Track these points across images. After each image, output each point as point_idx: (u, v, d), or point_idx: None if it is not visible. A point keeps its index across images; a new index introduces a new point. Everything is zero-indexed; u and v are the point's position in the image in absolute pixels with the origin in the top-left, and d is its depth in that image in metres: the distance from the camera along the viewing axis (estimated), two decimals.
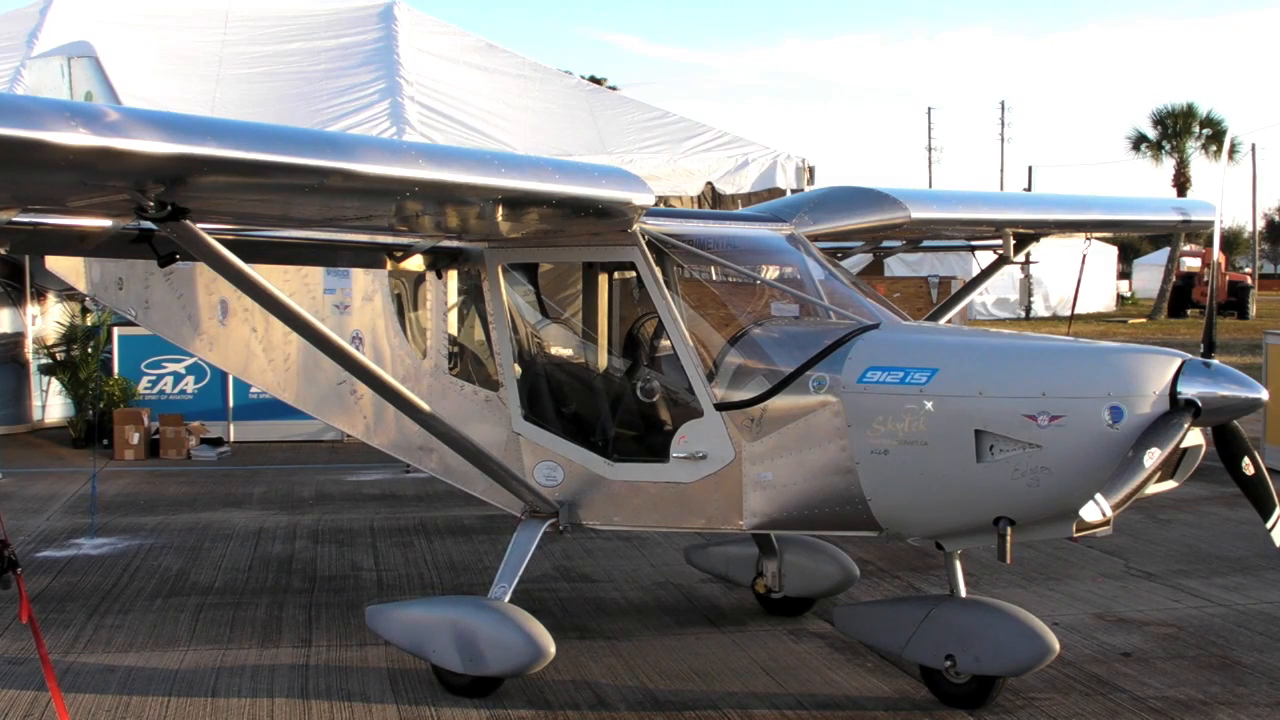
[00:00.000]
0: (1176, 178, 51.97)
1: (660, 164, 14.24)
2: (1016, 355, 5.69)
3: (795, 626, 7.48)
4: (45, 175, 4.27)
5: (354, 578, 8.77)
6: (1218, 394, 5.21)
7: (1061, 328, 31.69)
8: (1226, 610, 7.84)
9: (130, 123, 4.12)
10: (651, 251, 6.34)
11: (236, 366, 8.67)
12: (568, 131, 15.16)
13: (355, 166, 4.81)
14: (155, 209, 4.68)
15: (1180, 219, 9.48)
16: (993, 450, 5.37)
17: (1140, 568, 8.97)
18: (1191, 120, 51.68)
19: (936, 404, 5.48)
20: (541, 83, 17.31)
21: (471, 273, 6.98)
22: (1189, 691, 6.33)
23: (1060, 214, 8.70)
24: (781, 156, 14.93)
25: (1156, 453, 4.99)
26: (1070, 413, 5.22)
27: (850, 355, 5.80)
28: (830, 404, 5.76)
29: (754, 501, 6.05)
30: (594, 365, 7.11)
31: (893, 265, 25.32)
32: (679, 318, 6.25)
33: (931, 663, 6.12)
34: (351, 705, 6.13)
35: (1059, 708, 6.09)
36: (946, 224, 7.94)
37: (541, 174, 5.61)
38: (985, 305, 41.09)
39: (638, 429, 6.68)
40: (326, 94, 15.36)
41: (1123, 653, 6.96)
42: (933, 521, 5.76)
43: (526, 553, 6.45)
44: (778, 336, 6.44)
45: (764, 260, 7.20)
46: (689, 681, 6.49)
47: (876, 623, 6.63)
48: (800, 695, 6.27)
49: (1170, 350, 5.45)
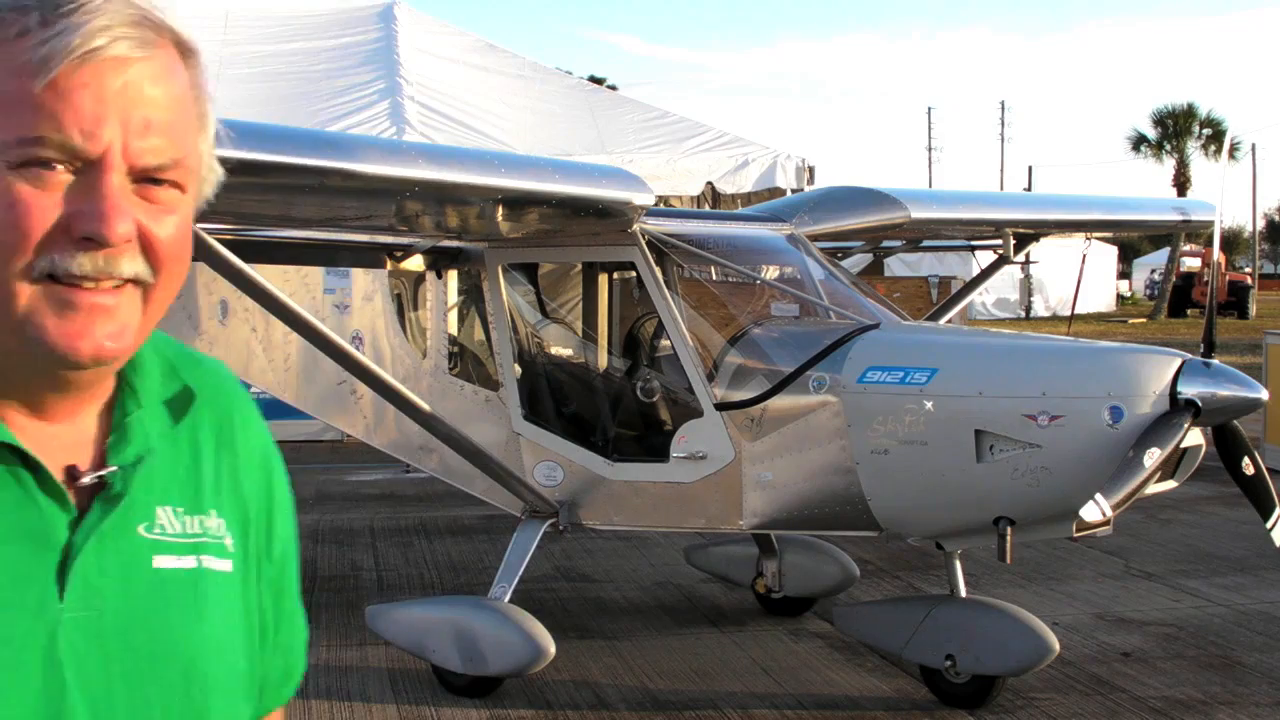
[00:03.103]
0: (1176, 178, 51.98)
1: (660, 164, 14.21)
2: (1016, 355, 5.70)
3: (795, 626, 7.48)
4: None
5: (354, 578, 8.77)
6: (1218, 394, 5.21)
7: (1061, 328, 31.69)
8: (1226, 610, 7.84)
9: None
10: (651, 251, 6.34)
11: (237, 366, 8.66)
12: (568, 131, 15.14)
13: (355, 166, 4.81)
14: None
15: (1180, 219, 9.48)
16: (993, 450, 5.37)
17: (1140, 568, 8.97)
18: (1192, 120, 51.69)
19: (936, 404, 5.48)
20: (541, 83, 17.30)
21: (471, 273, 6.98)
22: (1189, 691, 6.33)
23: (1060, 214, 8.70)
24: (781, 156, 14.91)
25: (1156, 453, 4.99)
26: (1070, 412, 5.22)
27: (850, 355, 5.80)
28: (830, 404, 5.76)
29: (754, 501, 6.05)
30: (594, 365, 7.12)
31: (893, 265, 25.31)
32: (679, 318, 6.25)
33: (931, 663, 6.12)
34: (351, 705, 6.13)
35: (1059, 707, 6.09)
36: (946, 224, 7.94)
37: (541, 174, 5.62)
38: (985, 305, 41.06)
39: (638, 429, 6.68)
40: (326, 94, 15.35)
41: (1123, 653, 6.96)
42: (933, 521, 5.76)
43: (526, 553, 6.45)
44: (778, 336, 6.44)
45: (764, 260, 7.20)
46: (689, 681, 6.49)
47: (876, 623, 6.63)
48: (800, 695, 6.28)
49: (1170, 350, 5.46)
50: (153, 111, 1.18)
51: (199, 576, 1.30)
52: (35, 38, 1.13)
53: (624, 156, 13.63)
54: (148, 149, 1.18)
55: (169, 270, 1.23)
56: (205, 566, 1.31)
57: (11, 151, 1.14)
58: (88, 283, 1.17)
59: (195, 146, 1.25)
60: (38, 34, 1.13)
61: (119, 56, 1.15)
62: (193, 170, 1.25)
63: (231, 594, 1.35)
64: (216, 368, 1.46)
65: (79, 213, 1.15)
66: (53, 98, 1.13)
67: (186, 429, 1.36)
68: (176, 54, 1.23)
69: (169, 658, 1.26)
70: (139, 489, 1.27)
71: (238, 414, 1.43)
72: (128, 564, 1.25)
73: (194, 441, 1.36)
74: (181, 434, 1.35)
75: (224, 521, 1.35)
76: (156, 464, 1.30)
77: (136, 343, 1.24)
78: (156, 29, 1.19)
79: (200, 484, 1.35)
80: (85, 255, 1.16)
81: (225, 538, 1.35)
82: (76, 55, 1.13)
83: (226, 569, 1.34)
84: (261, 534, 1.43)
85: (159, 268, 1.22)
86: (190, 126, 1.24)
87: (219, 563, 1.33)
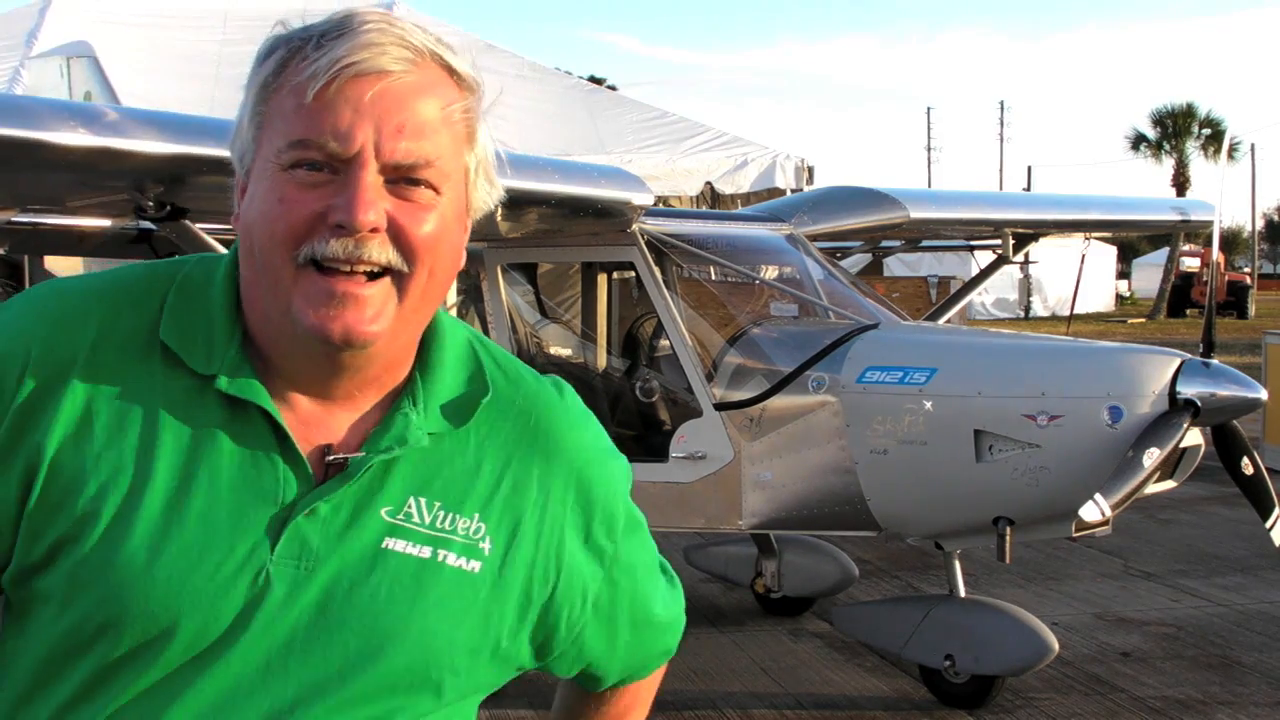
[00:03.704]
0: (1176, 178, 52.01)
1: (659, 164, 14.21)
2: (1016, 355, 5.70)
3: (795, 626, 7.48)
4: (45, 175, 4.27)
5: None
6: (1217, 394, 5.21)
7: (1061, 328, 31.71)
8: (1226, 610, 7.84)
9: (129, 123, 4.12)
10: (651, 251, 6.34)
11: None
12: (567, 131, 15.14)
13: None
14: (154, 209, 4.69)
15: (1179, 219, 9.48)
16: (992, 450, 5.38)
17: (1140, 568, 8.97)
18: (1191, 120, 51.72)
19: (936, 404, 5.48)
20: (540, 83, 17.29)
21: (470, 273, 6.98)
22: (1188, 691, 6.33)
23: (1059, 214, 8.70)
24: (781, 156, 14.91)
25: (1156, 453, 4.99)
26: (1069, 412, 5.22)
27: (849, 355, 5.80)
28: (829, 404, 5.76)
29: (753, 501, 6.05)
30: (593, 365, 7.12)
31: (892, 265, 25.35)
32: (678, 317, 6.25)
33: (931, 663, 6.12)
34: None
35: (1058, 707, 6.09)
36: (945, 224, 7.95)
37: (541, 174, 5.62)
38: (984, 305, 41.06)
39: (637, 428, 6.68)
40: None
41: (1122, 653, 6.96)
42: (932, 521, 5.76)
43: None
44: (777, 336, 6.44)
45: (763, 260, 7.20)
46: (688, 681, 6.49)
47: (876, 623, 6.62)
48: (799, 695, 6.28)
49: (1169, 350, 5.46)
50: (406, 118, 1.33)
51: (429, 567, 1.39)
52: (310, 60, 1.32)
53: (623, 156, 13.62)
54: (399, 149, 1.32)
55: (423, 263, 1.36)
56: (442, 561, 1.40)
57: (283, 155, 1.33)
58: (343, 267, 1.32)
59: (457, 158, 1.40)
60: (311, 56, 1.32)
61: (378, 71, 1.32)
62: (450, 177, 1.38)
63: (470, 593, 1.42)
64: (540, 389, 1.54)
65: (334, 205, 1.31)
66: (317, 108, 1.31)
67: (475, 434, 1.46)
68: (444, 76, 1.38)
69: (363, 631, 1.35)
70: (396, 477, 1.40)
71: (555, 437, 1.51)
72: (354, 538, 1.37)
73: (480, 447, 1.46)
74: (470, 438, 1.46)
75: (486, 526, 1.44)
76: (423, 459, 1.42)
77: (397, 331, 1.37)
78: (417, 51, 1.35)
79: (472, 487, 1.44)
80: (338, 241, 1.31)
81: (483, 541, 1.43)
82: (337, 70, 1.30)
83: (472, 569, 1.42)
84: (551, 552, 1.49)
85: (412, 259, 1.35)
86: (451, 138, 1.38)
87: (464, 561, 1.42)
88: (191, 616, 1.30)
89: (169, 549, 1.31)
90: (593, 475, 1.54)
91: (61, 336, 1.36)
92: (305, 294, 1.32)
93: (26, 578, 1.35)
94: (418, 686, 1.40)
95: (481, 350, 1.52)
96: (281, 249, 1.32)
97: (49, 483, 1.32)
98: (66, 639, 1.32)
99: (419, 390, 1.44)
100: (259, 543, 1.33)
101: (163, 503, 1.32)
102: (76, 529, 1.32)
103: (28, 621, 1.36)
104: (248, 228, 1.35)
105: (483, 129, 1.45)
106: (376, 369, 1.41)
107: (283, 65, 1.35)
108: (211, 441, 1.35)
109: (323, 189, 1.32)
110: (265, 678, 1.32)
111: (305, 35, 1.35)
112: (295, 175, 1.32)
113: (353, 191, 1.31)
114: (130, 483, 1.33)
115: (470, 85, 1.41)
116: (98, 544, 1.31)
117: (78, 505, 1.32)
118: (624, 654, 1.65)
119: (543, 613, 1.50)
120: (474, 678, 1.47)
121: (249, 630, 1.32)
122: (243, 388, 1.36)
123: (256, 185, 1.35)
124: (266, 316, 1.37)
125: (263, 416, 1.37)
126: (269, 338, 1.39)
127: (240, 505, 1.34)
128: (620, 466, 1.61)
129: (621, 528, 1.58)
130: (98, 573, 1.31)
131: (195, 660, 1.31)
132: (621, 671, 1.68)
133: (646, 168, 13.15)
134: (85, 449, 1.33)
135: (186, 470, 1.34)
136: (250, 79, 1.39)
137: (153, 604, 1.30)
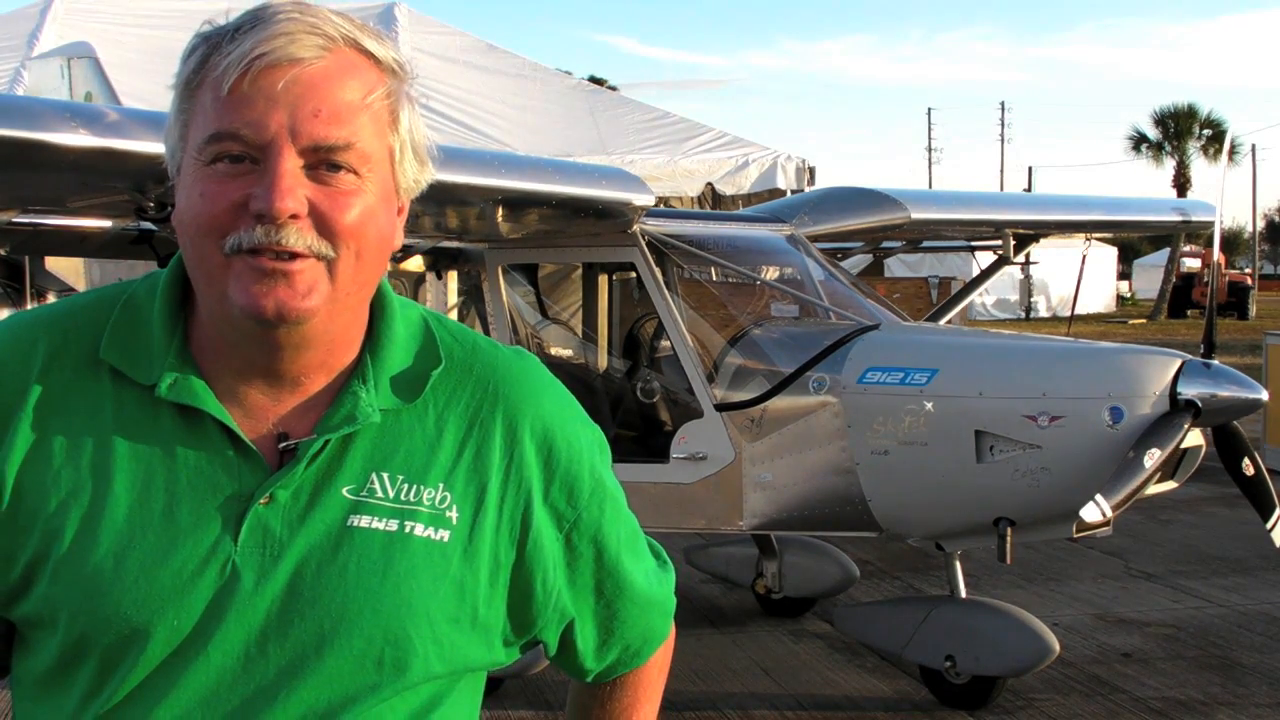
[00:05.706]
0: (1177, 178, 51.94)
1: (660, 165, 14.22)
2: (1017, 356, 5.70)
3: (795, 627, 7.48)
4: (46, 176, 4.27)
5: None
6: (1218, 395, 5.21)
7: (1062, 328, 31.70)
8: (1226, 610, 7.84)
9: (130, 123, 4.13)
10: (651, 252, 6.34)
11: None
12: (568, 132, 15.14)
13: None
14: (155, 209, 4.70)
15: (1180, 219, 9.49)
16: (993, 451, 5.38)
17: (1140, 568, 8.97)
18: (1192, 121, 51.64)
19: (937, 404, 5.48)
20: (541, 83, 17.30)
21: (471, 273, 6.98)
22: (1189, 692, 6.33)
23: (1060, 214, 8.70)
24: (781, 157, 14.91)
25: (1156, 453, 4.99)
26: (1070, 413, 5.23)
27: (850, 356, 5.80)
28: (830, 405, 5.76)
29: (754, 502, 6.05)
30: (594, 366, 7.12)
31: (893, 266, 25.34)
32: (679, 318, 6.25)
33: (931, 663, 6.12)
34: None
35: (1059, 708, 6.09)
36: (946, 224, 7.95)
37: (541, 174, 5.62)
38: (985, 306, 41.06)
39: (637, 429, 6.68)
40: None
41: (1123, 653, 6.96)
42: (933, 522, 5.76)
43: None
44: (778, 337, 6.44)
45: (764, 261, 7.21)
46: (688, 681, 6.49)
47: (876, 623, 6.62)
48: (800, 696, 6.28)
49: (1170, 351, 5.46)
50: (321, 103, 1.34)
51: (397, 540, 1.41)
52: (224, 54, 1.34)
53: (624, 157, 13.63)
54: (316, 132, 1.34)
55: (348, 247, 1.37)
56: (410, 532, 1.42)
57: (204, 150, 1.35)
58: (268, 253, 1.33)
59: (379, 140, 1.40)
60: (225, 50, 1.34)
61: (290, 59, 1.33)
62: (372, 159, 1.39)
63: (441, 562, 1.43)
64: (497, 357, 1.55)
65: (254, 194, 1.33)
66: (233, 102, 1.33)
67: (433, 406, 1.48)
68: (361, 60, 1.39)
69: (335, 608, 1.38)
70: (354, 455, 1.42)
71: (515, 401, 1.52)
72: (317, 519, 1.39)
73: (441, 418, 1.48)
74: (428, 410, 1.48)
75: (451, 495, 1.45)
76: (381, 435, 1.44)
77: (332, 312, 1.38)
78: (329, 38, 1.36)
79: (434, 458, 1.46)
80: (261, 229, 1.32)
81: (449, 510, 1.44)
82: (249, 62, 1.32)
83: (441, 539, 1.43)
84: (517, 516, 1.49)
85: (336, 244, 1.36)
86: (371, 121, 1.39)
87: (432, 531, 1.43)
88: (163, 613, 1.34)
89: (134, 552, 1.35)
90: (555, 439, 1.53)
91: (12, 365, 1.41)
92: (237, 276, 1.34)
93: (11, 602, 1.40)
94: (400, 660, 1.41)
95: (436, 325, 1.54)
96: (209, 240, 1.34)
97: (14, 506, 1.37)
98: (61, 653, 1.37)
99: (369, 369, 1.46)
100: (222, 536, 1.37)
101: (125, 511, 1.37)
102: (45, 546, 1.36)
103: (30, 644, 1.42)
104: (180, 224, 1.38)
105: (408, 111, 1.45)
106: (320, 351, 1.43)
107: (203, 62, 1.37)
108: (165, 447, 1.39)
109: (243, 179, 1.33)
110: (246, 664, 1.36)
111: (223, 31, 1.37)
112: (216, 169, 1.34)
113: (270, 179, 1.32)
114: (90, 496, 1.37)
115: (390, 68, 1.42)
116: (66, 557, 1.35)
117: (44, 524, 1.37)
118: (603, 627, 1.63)
119: (514, 575, 1.50)
120: (460, 651, 1.46)
121: (224, 621, 1.35)
122: (182, 391, 1.40)
123: (184, 181, 1.38)
124: (209, 309, 1.40)
125: (208, 415, 1.40)
126: (214, 330, 1.42)
127: (200, 502, 1.38)
128: (588, 434, 1.59)
129: (586, 495, 1.55)
130: (71, 585, 1.35)
131: (177, 655, 1.35)
132: (608, 650, 1.66)
133: (647, 168, 13.16)
134: (45, 469, 1.38)
135: (144, 477, 1.38)
136: (176, 78, 1.41)
137: (125, 606, 1.34)
